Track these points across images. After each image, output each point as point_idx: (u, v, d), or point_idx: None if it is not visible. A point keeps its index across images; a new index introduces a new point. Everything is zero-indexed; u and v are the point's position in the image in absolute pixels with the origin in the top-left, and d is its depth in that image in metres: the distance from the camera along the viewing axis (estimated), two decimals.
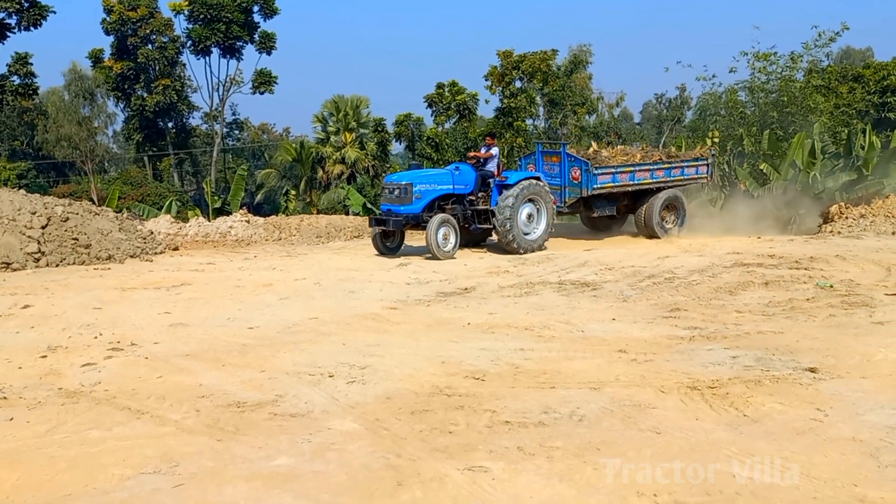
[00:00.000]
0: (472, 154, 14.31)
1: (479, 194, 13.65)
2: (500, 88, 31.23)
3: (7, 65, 30.61)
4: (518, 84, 31.55)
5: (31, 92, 31.43)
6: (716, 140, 23.07)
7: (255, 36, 39.87)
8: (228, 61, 41.16)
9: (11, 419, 4.69)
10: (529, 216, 13.67)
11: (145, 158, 43.14)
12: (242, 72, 42.08)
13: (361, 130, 36.97)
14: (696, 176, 16.48)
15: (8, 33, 29.18)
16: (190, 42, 39.87)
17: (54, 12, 29.21)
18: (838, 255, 10.96)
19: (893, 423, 4.50)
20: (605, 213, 15.55)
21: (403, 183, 12.95)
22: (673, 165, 15.94)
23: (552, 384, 5.38)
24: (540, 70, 30.64)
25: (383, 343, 6.70)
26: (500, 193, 13.43)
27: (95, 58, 40.58)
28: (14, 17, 28.88)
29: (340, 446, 4.28)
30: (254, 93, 40.78)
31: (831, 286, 8.77)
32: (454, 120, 32.80)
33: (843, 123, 23.11)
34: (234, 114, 49.57)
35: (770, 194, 19.98)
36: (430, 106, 33.29)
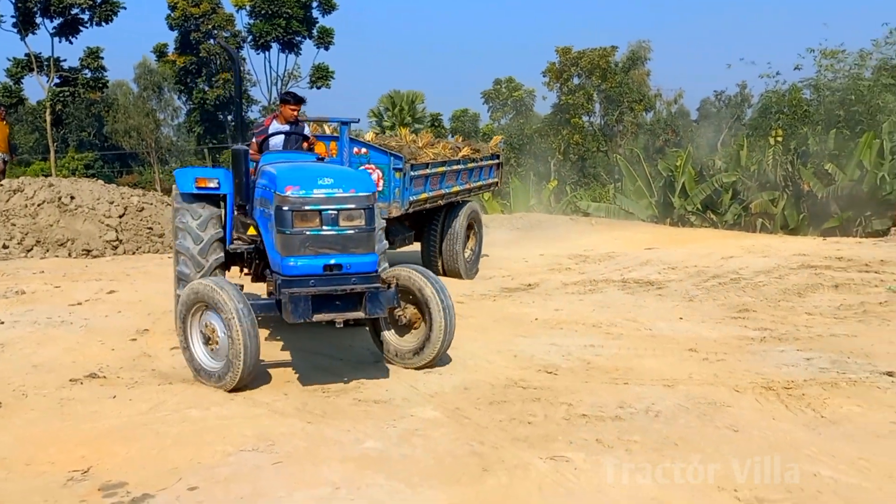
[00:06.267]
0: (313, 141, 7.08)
1: None
2: (558, 85, 31.15)
3: (79, 59, 31.78)
4: (576, 81, 31.41)
5: (101, 85, 32.57)
6: (779, 139, 22.67)
7: (314, 31, 40.45)
8: (287, 56, 41.86)
9: (114, 397, 4.99)
10: None
11: (205, 150, 44.25)
12: (300, 66, 42.75)
13: (416, 126, 37.28)
14: (490, 181, 11.60)
15: (81, 27, 30.29)
16: (250, 37, 40.70)
17: (125, 8, 30.21)
18: None
19: None
20: (406, 243, 9.82)
21: (362, 195, 5.29)
22: (478, 164, 10.85)
23: (625, 380, 5.47)
24: (599, 67, 30.45)
25: (455, 335, 6.84)
26: None
27: (160, 52, 41.78)
28: (87, 12, 29.96)
29: (424, 433, 4.45)
30: (311, 87, 41.36)
31: None
32: (510, 116, 32.82)
33: None
34: None
35: (836, 195, 19.54)
36: (486, 102, 33.39)
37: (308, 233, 5.09)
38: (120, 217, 12.55)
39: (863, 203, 19.32)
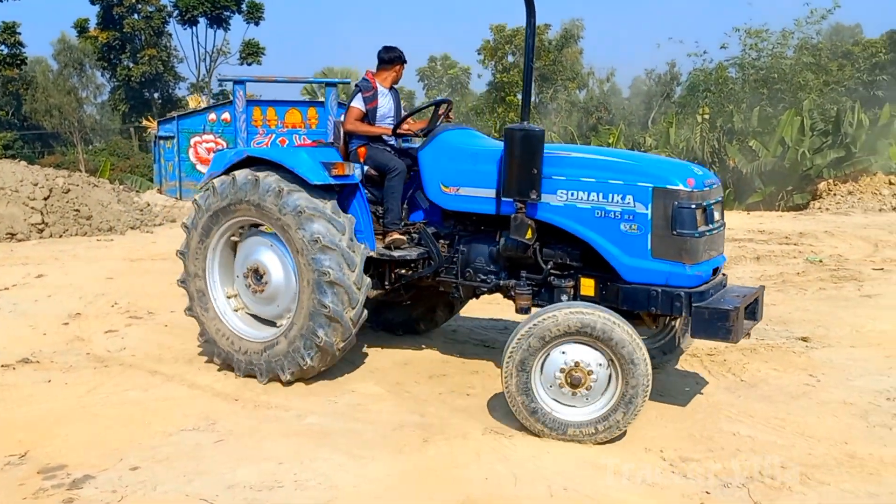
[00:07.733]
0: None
1: None
2: (493, 63, 31.27)
3: None
4: (510, 59, 31.59)
5: (19, 62, 31.15)
6: (706, 116, 23.36)
7: (243, 6, 39.48)
8: (216, 31, 40.86)
9: (49, 381, 4.91)
10: None
11: (131, 129, 42.83)
12: (229, 42, 41.81)
13: None
14: None
15: None
16: (176, 11, 39.46)
17: None
18: (827, 231, 11.31)
19: (881, 388, 4.84)
20: None
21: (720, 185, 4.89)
22: None
23: None
24: None
25: None
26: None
27: (81, 27, 40.09)
28: None
29: (366, 407, 4.54)
30: (241, 63, 40.51)
31: (821, 261, 9.10)
32: (446, 94, 32.81)
33: (832, 101, 23.41)
34: (220, 85, 49.20)
35: (759, 171, 20.31)
36: (421, 79, 33.31)
37: (708, 233, 4.32)
38: (45, 199, 12.14)
39: (785, 178, 20.15)
